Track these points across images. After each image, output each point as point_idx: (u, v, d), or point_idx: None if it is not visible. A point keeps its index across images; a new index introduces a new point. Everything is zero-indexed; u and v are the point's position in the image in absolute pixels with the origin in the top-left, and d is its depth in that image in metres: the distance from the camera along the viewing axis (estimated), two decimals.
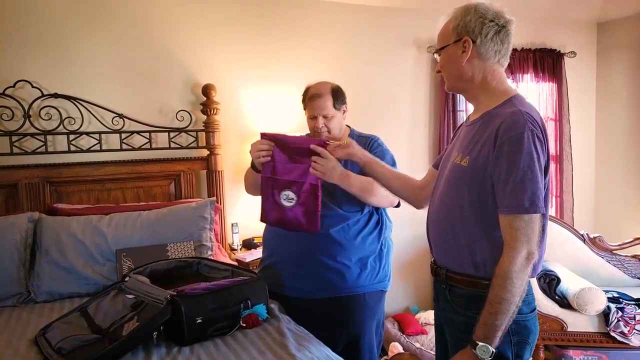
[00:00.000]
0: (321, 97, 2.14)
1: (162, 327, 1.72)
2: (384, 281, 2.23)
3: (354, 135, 2.24)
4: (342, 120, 2.22)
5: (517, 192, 1.33)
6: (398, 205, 2.18)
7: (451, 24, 1.49)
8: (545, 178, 1.38)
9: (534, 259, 1.34)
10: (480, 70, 1.47)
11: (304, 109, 2.25)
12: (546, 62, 4.00)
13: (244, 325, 1.86)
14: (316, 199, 1.97)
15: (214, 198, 2.93)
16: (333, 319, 2.13)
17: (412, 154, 3.75)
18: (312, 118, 2.18)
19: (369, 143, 2.19)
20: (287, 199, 2.01)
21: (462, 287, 1.48)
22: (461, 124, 1.68)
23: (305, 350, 1.69)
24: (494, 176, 1.38)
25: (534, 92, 4.04)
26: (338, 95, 2.16)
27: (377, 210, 2.21)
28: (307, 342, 1.76)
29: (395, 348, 3.20)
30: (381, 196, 2.08)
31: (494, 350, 1.34)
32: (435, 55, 1.57)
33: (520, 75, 3.94)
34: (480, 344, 1.34)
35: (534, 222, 1.33)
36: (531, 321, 1.48)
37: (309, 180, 1.97)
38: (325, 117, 2.14)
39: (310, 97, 2.17)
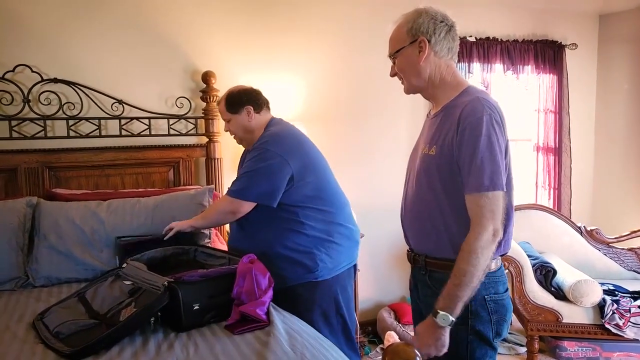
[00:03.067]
0: (219, 103, 2.31)
1: (159, 313, 1.73)
2: (315, 272, 2.16)
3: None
4: (246, 122, 2.27)
5: (479, 172, 1.42)
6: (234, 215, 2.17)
7: (404, 27, 1.59)
8: (504, 159, 1.47)
9: (499, 236, 1.43)
10: (436, 67, 1.58)
11: None
12: (547, 53, 3.98)
13: None
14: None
15: (213, 185, 2.94)
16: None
17: (410, 145, 3.73)
18: None
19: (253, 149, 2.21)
20: None
21: (442, 270, 1.54)
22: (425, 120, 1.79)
23: (297, 336, 1.69)
24: (459, 160, 1.47)
25: (534, 83, 4.03)
26: (231, 100, 2.26)
27: (287, 208, 2.16)
28: (296, 326, 1.77)
29: (391, 337, 3.21)
30: (217, 214, 2.23)
31: (453, 319, 1.42)
32: (392, 60, 1.66)
33: (521, 66, 3.91)
34: (442, 312, 1.42)
35: (498, 199, 1.42)
36: (507, 300, 1.59)
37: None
38: (224, 120, 2.30)
39: None
